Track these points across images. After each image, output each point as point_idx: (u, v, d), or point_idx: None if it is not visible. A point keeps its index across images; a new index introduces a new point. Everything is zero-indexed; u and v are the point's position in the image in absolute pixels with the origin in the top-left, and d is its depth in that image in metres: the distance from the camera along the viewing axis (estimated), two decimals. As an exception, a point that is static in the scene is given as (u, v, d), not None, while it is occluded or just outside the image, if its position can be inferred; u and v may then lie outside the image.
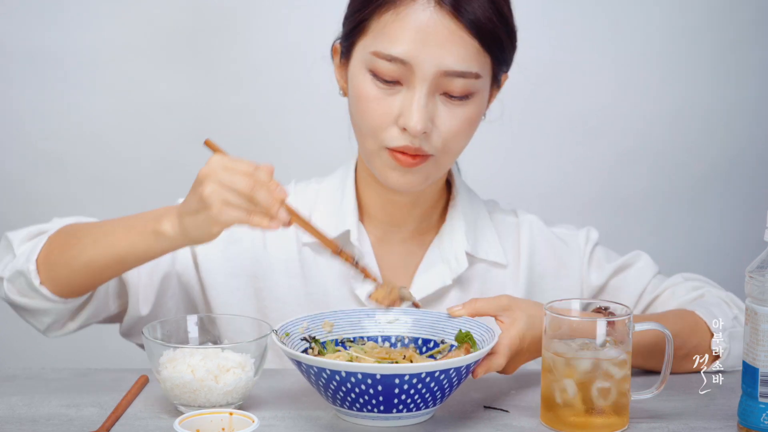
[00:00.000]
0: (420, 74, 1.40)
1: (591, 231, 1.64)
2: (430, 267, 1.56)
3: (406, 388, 1.22)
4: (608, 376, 1.26)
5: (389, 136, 1.43)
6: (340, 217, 1.55)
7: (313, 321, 1.39)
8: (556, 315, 1.27)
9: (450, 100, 1.43)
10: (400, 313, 1.42)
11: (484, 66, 1.43)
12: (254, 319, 1.40)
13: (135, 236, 1.34)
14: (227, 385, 1.29)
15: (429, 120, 1.41)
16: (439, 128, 1.43)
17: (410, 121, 1.40)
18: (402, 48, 1.39)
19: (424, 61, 1.39)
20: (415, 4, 1.40)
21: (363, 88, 1.43)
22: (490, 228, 1.60)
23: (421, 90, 1.40)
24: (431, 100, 1.42)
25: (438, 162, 1.46)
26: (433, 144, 1.43)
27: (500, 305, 1.37)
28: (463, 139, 1.46)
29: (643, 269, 1.62)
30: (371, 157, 1.47)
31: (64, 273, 1.40)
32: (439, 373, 1.22)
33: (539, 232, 1.62)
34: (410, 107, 1.40)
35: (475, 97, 1.44)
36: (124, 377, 1.44)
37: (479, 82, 1.43)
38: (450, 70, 1.40)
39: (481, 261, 1.57)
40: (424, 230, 1.58)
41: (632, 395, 1.29)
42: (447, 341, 1.39)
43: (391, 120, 1.42)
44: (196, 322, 1.40)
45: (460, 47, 1.40)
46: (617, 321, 1.27)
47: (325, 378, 1.23)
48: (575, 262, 1.61)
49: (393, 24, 1.40)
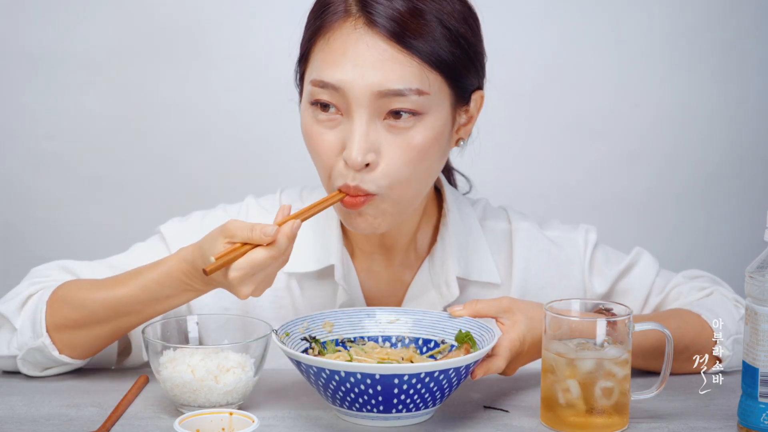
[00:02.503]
0: (354, 99, 1.32)
1: (589, 232, 1.60)
2: (419, 294, 1.52)
3: (405, 388, 1.22)
4: (610, 375, 1.26)
5: (336, 174, 1.35)
6: (324, 249, 1.50)
7: (313, 321, 1.40)
8: (556, 315, 1.28)
9: (395, 126, 1.34)
10: (401, 313, 1.43)
11: (432, 83, 1.34)
12: (254, 319, 1.41)
13: (174, 300, 1.35)
14: (227, 385, 1.30)
15: (372, 150, 1.33)
16: (385, 159, 1.34)
17: (351, 153, 1.32)
18: (331, 72, 1.33)
19: (356, 85, 1.32)
20: (343, 28, 1.34)
21: (306, 124, 1.38)
22: (483, 244, 1.55)
23: (360, 117, 1.33)
24: (372, 127, 1.33)
25: (388, 198, 1.36)
26: (374, 181, 1.34)
27: (501, 307, 1.37)
28: (415, 169, 1.36)
29: (645, 269, 1.60)
30: None
31: (88, 342, 1.41)
32: (439, 373, 1.23)
33: (534, 242, 1.57)
34: (350, 138, 1.33)
35: (426, 117, 1.34)
36: (124, 377, 1.45)
37: (427, 100, 1.34)
38: (385, 90, 1.32)
39: (473, 283, 1.53)
40: (412, 255, 1.53)
41: (632, 395, 1.30)
42: (447, 341, 1.39)
43: (335, 155, 1.35)
44: (197, 321, 1.40)
45: (395, 66, 1.32)
46: (618, 321, 1.27)
47: (325, 378, 1.24)
48: (576, 271, 1.57)
49: (324, 50, 1.35)
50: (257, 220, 1.52)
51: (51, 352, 1.41)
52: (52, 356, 1.42)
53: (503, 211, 1.60)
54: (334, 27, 1.35)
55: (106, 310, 1.38)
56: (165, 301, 1.35)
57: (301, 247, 1.50)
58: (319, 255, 1.51)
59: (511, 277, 1.55)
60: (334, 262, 1.49)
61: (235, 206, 1.59)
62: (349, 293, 1.50)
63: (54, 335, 1.41)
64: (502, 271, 1.56)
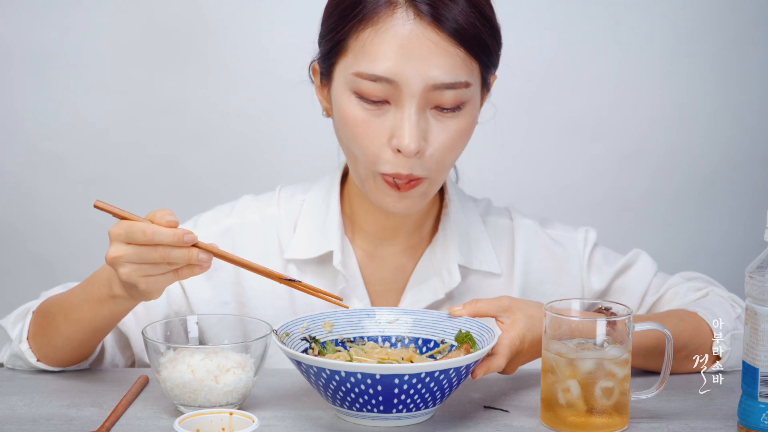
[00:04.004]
0: (408, 91, 1.35)
1: (589, 232, 1.62)
2: (421, 281, 1.54)
3: (405, 388, 1.22)
4: (611, 375, 1.26)
5: (383, 161, 1.39)
6: (324, 236, 1.52)
7: (313, 321, 1.40)
8: (556, 315, 1.28)
9: (442, 114, 1.38)
10: (401, 313, 1.43)
11: (473, 73, 1.39)
12: (254, 319, 1.40)
13: (96, 305, 1.35)
14: (227, 385, 1.30)
15: (422, 138, 1.37)
16: (433, 145, 1.38)
17: (403, 141, 1.36)
18: (385, 65, 1.35)
19: (411, 77, 1.35)
20: (394, 18, 1.35)
21: (349, 112, 1.38)
22: (484, 235, 1.57)
23: (411, 107, 1.36)
24: (422, 116, 1.37)
25: (433, 181, 1.43)
26: (426, 166, 1.39)
27: (501, 306, 1.37)
28: (457, 152, 1.43)
29: (643, 269, 1.61)
30: (364, 182, 1.43)
31: (51, 350, 1.43)
32: (439, 373, 1.23)
33: (535, 237, 1.59)
34: (401, 126, 1.36)
35: (467, 106, 1.40)
36: (124, 377, 1.45)
37: (469, 91, 1.39)
38: (438, 83, 1.35)
39: (474, 272, 1.55)
40: (415, 243, 1.56)
41: (632, 395, 1.30)
42: (447, 341, 1.39)
43: (382, 142, 1.38)
44: (197, 321, 1.40)
45: (446, 58, 1.35)
46: (618, 321, 1.27)
47: (325, 378, 1.24)
48: (574, 267, 1.60)
49: (373, 41, 1.35)
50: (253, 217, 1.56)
51: (28, 359, 1.44)
52: (29, 363, 1.45)
53: (505, 210, 1.63)
54: (382, 17, 1.35)
55: (60, 314, 1.40)
56: (97, 303, 1.34)
57: (302, 234, 1.52)
58: (319, 241, 1.52)
59: (513, 269, 1.57)
60: (333, 248, 1.50)
61: (228, 205, 1.60)
62: (348, 279, 1.51)
63: (32, 342, 1.44)
64: (503, 263, 1.58)
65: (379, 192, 1.42)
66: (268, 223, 1.56)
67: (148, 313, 1.51)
